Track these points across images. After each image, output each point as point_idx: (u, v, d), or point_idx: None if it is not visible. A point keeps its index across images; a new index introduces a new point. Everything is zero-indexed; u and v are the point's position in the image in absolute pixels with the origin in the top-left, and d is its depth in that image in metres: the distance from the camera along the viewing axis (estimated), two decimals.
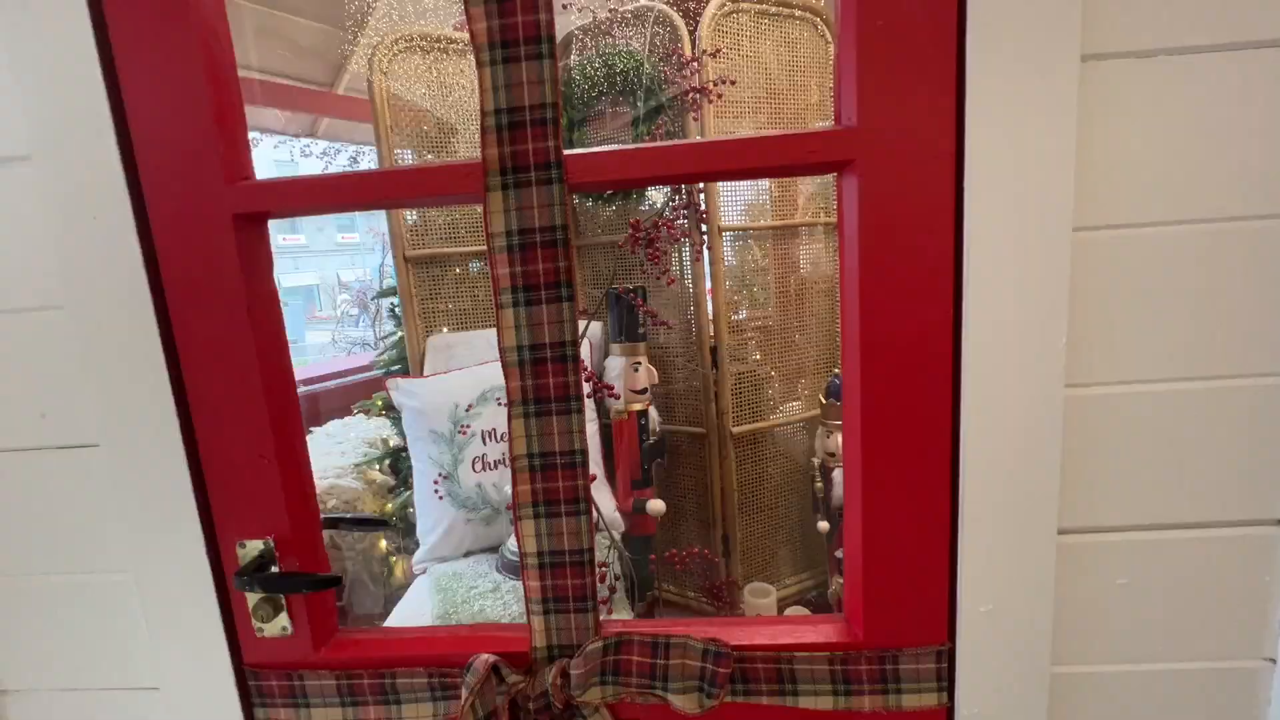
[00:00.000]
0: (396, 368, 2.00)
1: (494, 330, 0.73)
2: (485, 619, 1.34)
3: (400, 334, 1.86)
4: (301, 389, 2.82)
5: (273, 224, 0.81)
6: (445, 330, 1.86)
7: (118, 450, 0.77)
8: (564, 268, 0.71)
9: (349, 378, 2.78)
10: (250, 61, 2.42)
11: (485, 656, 0.78)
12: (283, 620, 0.81)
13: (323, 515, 0.90)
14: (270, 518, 0.79)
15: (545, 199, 0.70)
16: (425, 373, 1.76)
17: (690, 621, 0.83)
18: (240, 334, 0.75)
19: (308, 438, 2.18)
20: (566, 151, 0.70)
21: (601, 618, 1.37)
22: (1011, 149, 0.65)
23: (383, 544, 1.90)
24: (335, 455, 2.00)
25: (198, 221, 0.73)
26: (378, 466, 1.97)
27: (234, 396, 0.76)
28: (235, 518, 0.79)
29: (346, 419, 2.29)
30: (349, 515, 0.94)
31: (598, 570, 1.42)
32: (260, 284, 0.76)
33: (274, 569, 0.80)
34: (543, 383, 0.73)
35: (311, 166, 2.82)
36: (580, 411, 0.73)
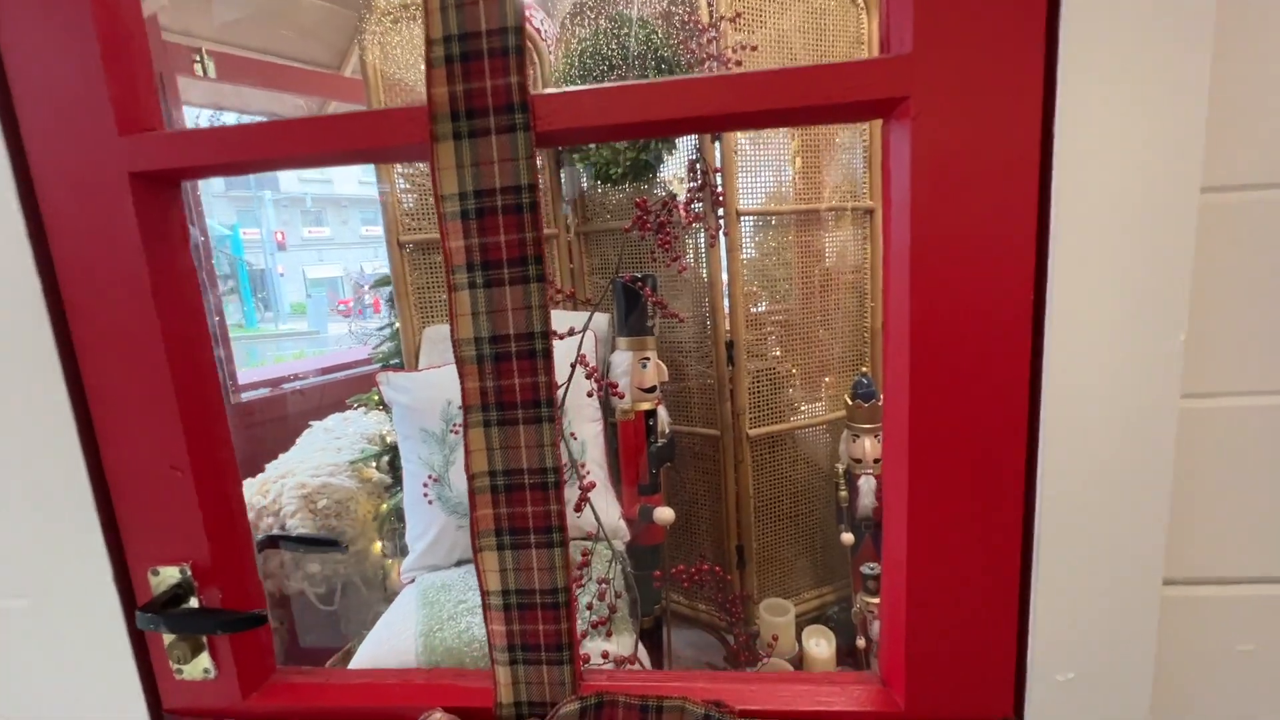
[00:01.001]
0: (396, 361, 1.87)
1: None
2: (471, 639, 1.20)
3: (396, 324, 1.72)
4: (314, 380, 2.71)
5: (298, 217, 0.67)
6: (443, 321, 1.72)
7: (7, 456, 0.63)
8: (531, 239, 0.55)
9: (356, 369, 2.67)
10: (252, 43, 2.30)
11: (439, 715, 0.64)
12: (204, 661, 0.67)
13: (264, 535, 0.76)
14: (186, 540, 0.65)
15: (508, 151, 0.54)
16: (421, 366, 1.63)
17: (689, 674, 0.67)
18: (144, 320, 0.60)
19: (307, 432, 2.06)
20: (535, 92, 0.54)
21: (599, 641, 1.22)
22: (1120, 81, 0.48)
23: (378, 546, 1.77)
24: (331, 452, 1.88)
25: (88, 181, 0.58)
26: (374, 464, 1.84)
27: (138, 395, 0.62)
28: (146, 540, 0.65)
29: (347, 413, 2.17)
30: (293, 534, 0.81)
31: (597, 587, 1.27)
32: (169, 260, 0.62)
33: (194, 600, 0.66)
34: (507, 384, 0.58)
35: None
36: (553, 420, 0.58)
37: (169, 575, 0.65)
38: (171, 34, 2.07)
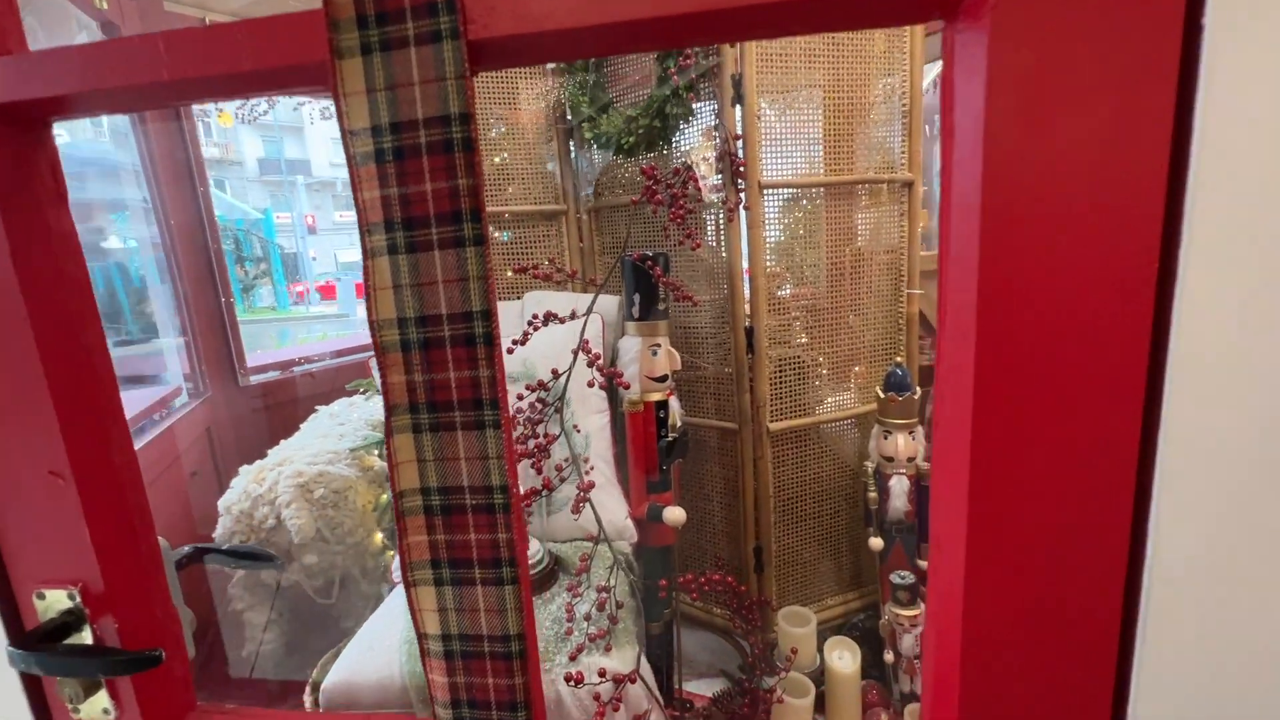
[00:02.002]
0: None
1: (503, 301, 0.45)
2: None
3: None
4: (327, 362, 2.63)
5: (330, 201, 0.55)
6: None
7: None
8: (467, 188, 0.41)
9: (368, 353, 2.57)
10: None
11: None
12: (102, 701, 0.56)
13: (196, 545, 0.64)
14: (74, 559, 0.53)
15: (432, 67, 0.40)
16: None
17: None
18: (4, 294, 0.48)
19: (312, 418, 1.97)
20: None
21: (597, 656, 1.09)
22: None
23: (378, 537, 1.67)
24: (333, 439, 1.78)
25: None
26: (376, 451, 1.74)
27: (5, 387, 0.50)
28: (28, 557, 0.54)
29: (354, 398, 2.07)
30: (226, 547, 0.70)
31: (597, 596, 1.14)
32: (35, 220, 0.49)
33: (86, 631, 0.54)
34: (440, 378, 0.44)
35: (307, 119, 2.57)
36: (499, 426, 0.44)
37: (56, 600, 0.54)
38: None
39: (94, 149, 2.11)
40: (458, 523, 0.46)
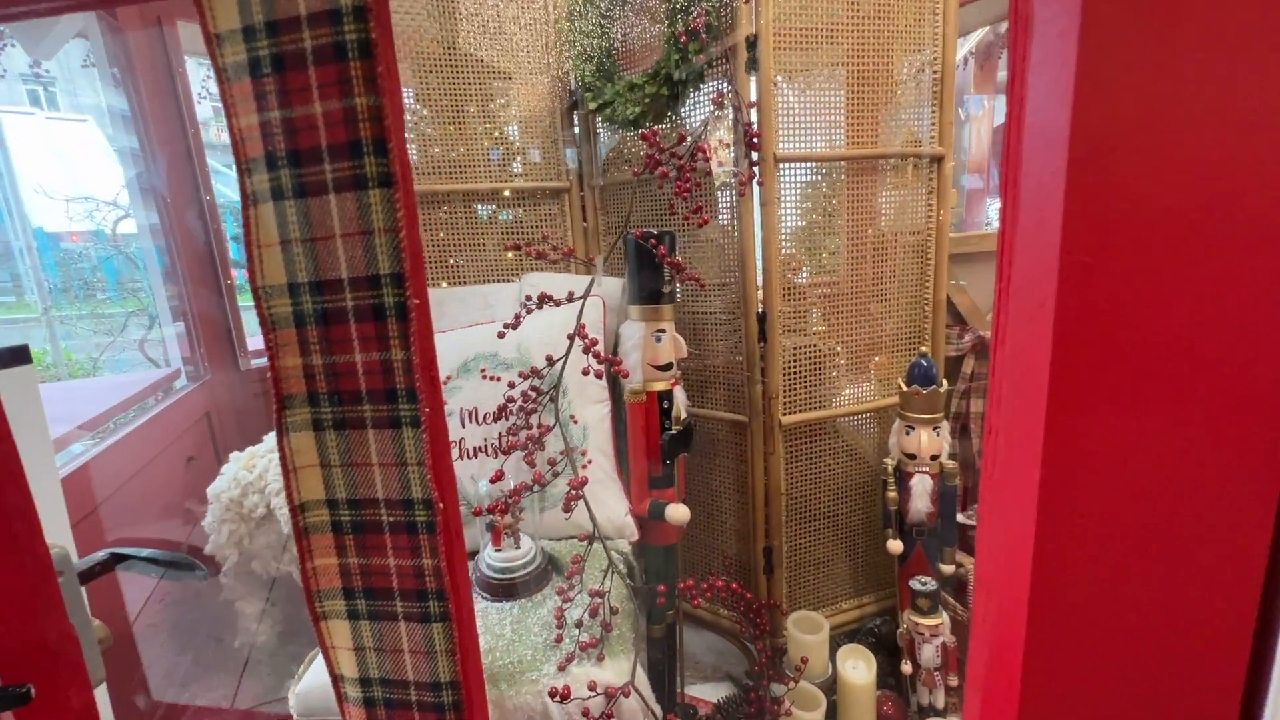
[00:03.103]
0: None
1: (493, 286, 0.35)
2: None
3: None
4: None
5: None
6: (444, 285, 1.51)
7: None
8: (367, 109, 0.31)
9: None
10: None
11: None
12: None
13: (111, 551, 0.56)
14: None
15: None
16: None
17: None
18: None
19: None
20: None
21: (588, 666, 1.00)
22: None
23: None
24: None
25: None
26: None
27: None
28: None
29: None
30: (147, 552, 0.61)
31: (590, 600, 1.04)
32: None
33: None
34: (344, 361, 0.34)
35: None
36: (419, 424, 0.34)
37: None
38: None
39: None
40: (373, 544, 0.36)
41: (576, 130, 1.53)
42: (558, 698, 0.90)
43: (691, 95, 1.33)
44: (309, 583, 0.38)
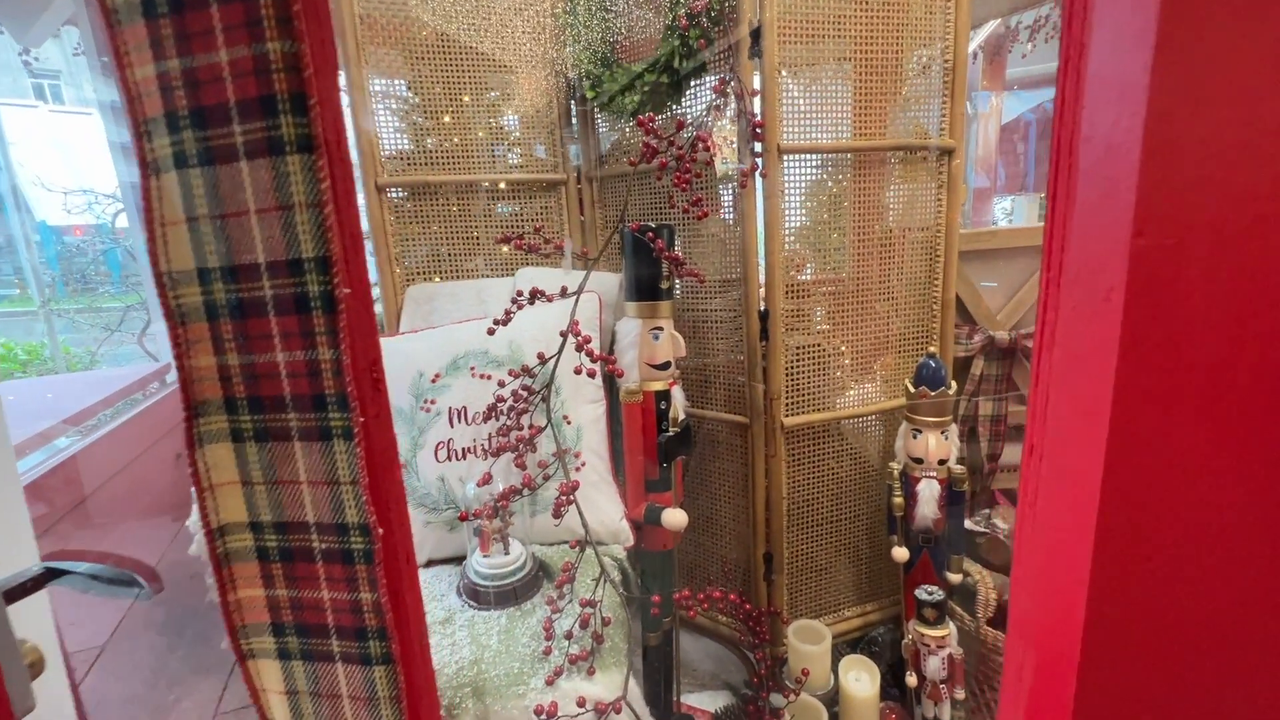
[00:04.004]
0: None
1: (486, 281, 0.30)
2: None
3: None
4: None
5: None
6: (437, 280, 1.45)
7: None
8: (282, 56, 0.25)
9: None
10: None
11: None
12: None
13: (47, 566, 0.51)
14: None
15: None
16: (402, 330, 1.37)
17: None
18: None
19: None
20: None
21: (577, 680, 0.94)
22: None
23: None
24: None
25: None
26: None
27: None
28: None
29: None
30: (84, 567, 0.57)
31: (581, 611, 0.98)
32: None
33: None
34: (265, 362, 0.29)
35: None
36: (352, 436, 0.29)
37: None
38: None
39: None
40: (304, 574, 0.31)
41: (574, 121, 1.48)
42: (544, 715, 0.84)
43: (693, 85, 1.27)
44: (231, 617, 0.32)
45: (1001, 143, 4.34)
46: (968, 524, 1.40)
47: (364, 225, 1.36)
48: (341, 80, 1.36)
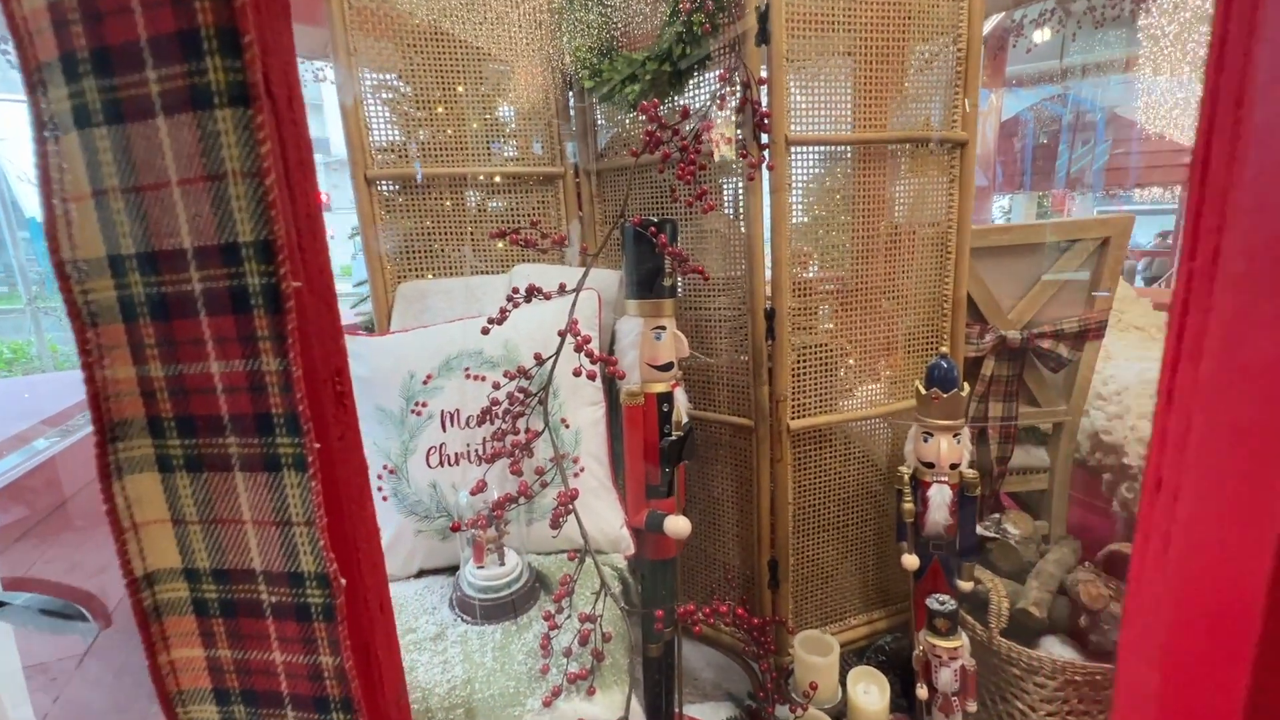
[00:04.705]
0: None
1: (481, 278, 0.26)
2: (412, 685, 0.88)
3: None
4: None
5: (348, 180, 0.33)
6: (430, 276, 1.39)
7: None
8: None
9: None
10: None
11: None
12: None
13: None
14: None
15: None
16: (393, 329, 1.30)
17: None
18: None
19: None
20: None
21: (576, 701, 0.89)
22: None
23: None
24: None
25: None
26: None
27: None
28: None
29: None
30: (24, 599, 0.50)
31: (580, 627, 0.93)
32: None
33: None
34: (195, 373, 0.23)
35: (329, 96, 2.39)
36: (305, 466, 0.23)
37: None
38: None
39: None
40: (251, 631, 0.25)
41: (572, 113, 1.42)
42: None
43: (696, 74, 1.21)
44: (164, 682, 0.26)
45: (1000, 141, 4.30)
46: (978, 529, 1.35)
47: (354, 219, 1.29)
48: (329, 69, 1.30)
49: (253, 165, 0.20)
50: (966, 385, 1.20)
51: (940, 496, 1.21)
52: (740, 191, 1.20)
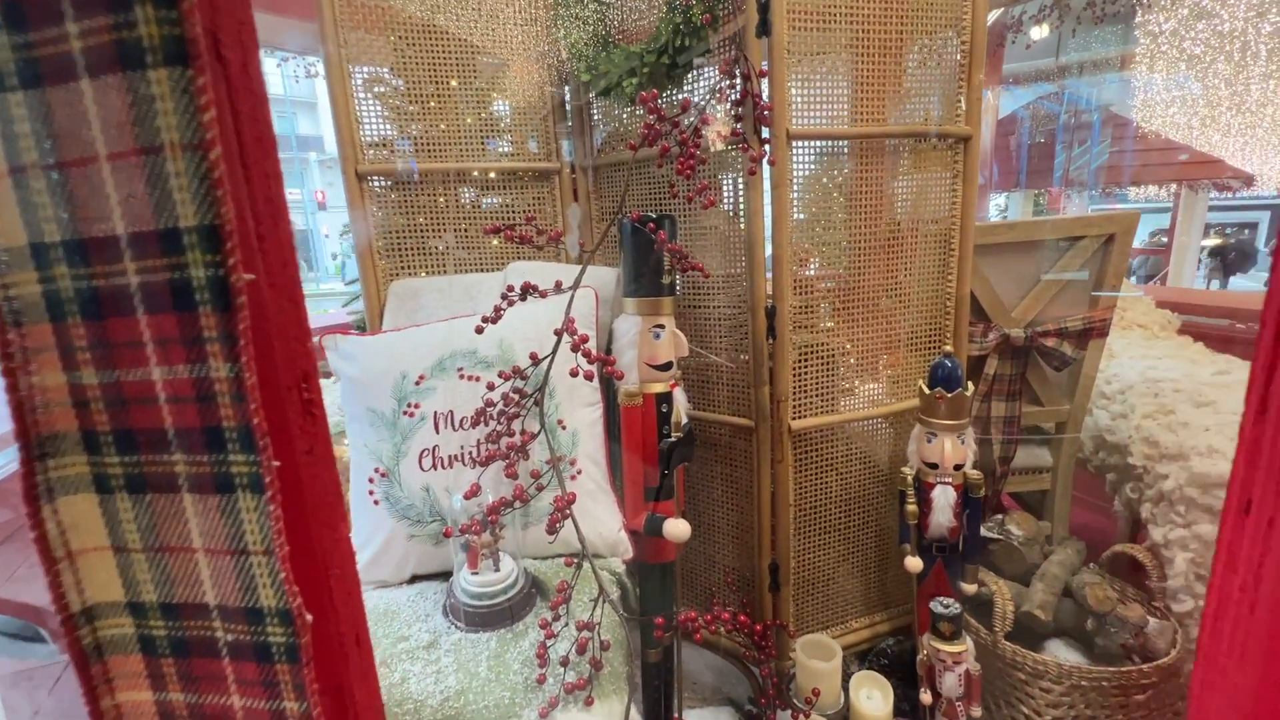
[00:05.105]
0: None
1: (476, 276, 0.22)
2: (405, 695, 0.85)
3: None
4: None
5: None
6: (423, 274, 1.35)
7: None
8: None
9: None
10: None
11: None
12: None
13: None
14: None
15: None
16: (385, 328, 1.27)
17: None
18: None
19: None
20: None
21: (574, 712, 0.85)
22: None
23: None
24: None
25: None
26: (346, 441, 1.51)
27: None
28: None
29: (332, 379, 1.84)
30: None
31: (577, 635, 0.89)
32: None
33: None
34: (136, 380, 0.20)
35: (323, 92, 2.34)
36: (262, 487, 0.20)
37: None
38: None
39: None
40: (205, 673, 0.22)
41: (568, 107, 1.38)
42: None
43: (696, 68, 1.18)
44: None
45: (996, 139, 4.28)
46: (981, 531, 1.33)
47: (343, 217, 1.25)
48: (321, 65, 1.26)
49: (194, 137, 0.17)
50: (970, 385, 1.18)
51: (944, 498, 1.19)
52: (740, 187, 1.17)
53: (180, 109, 0.17)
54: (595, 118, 1.39)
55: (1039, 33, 2.63)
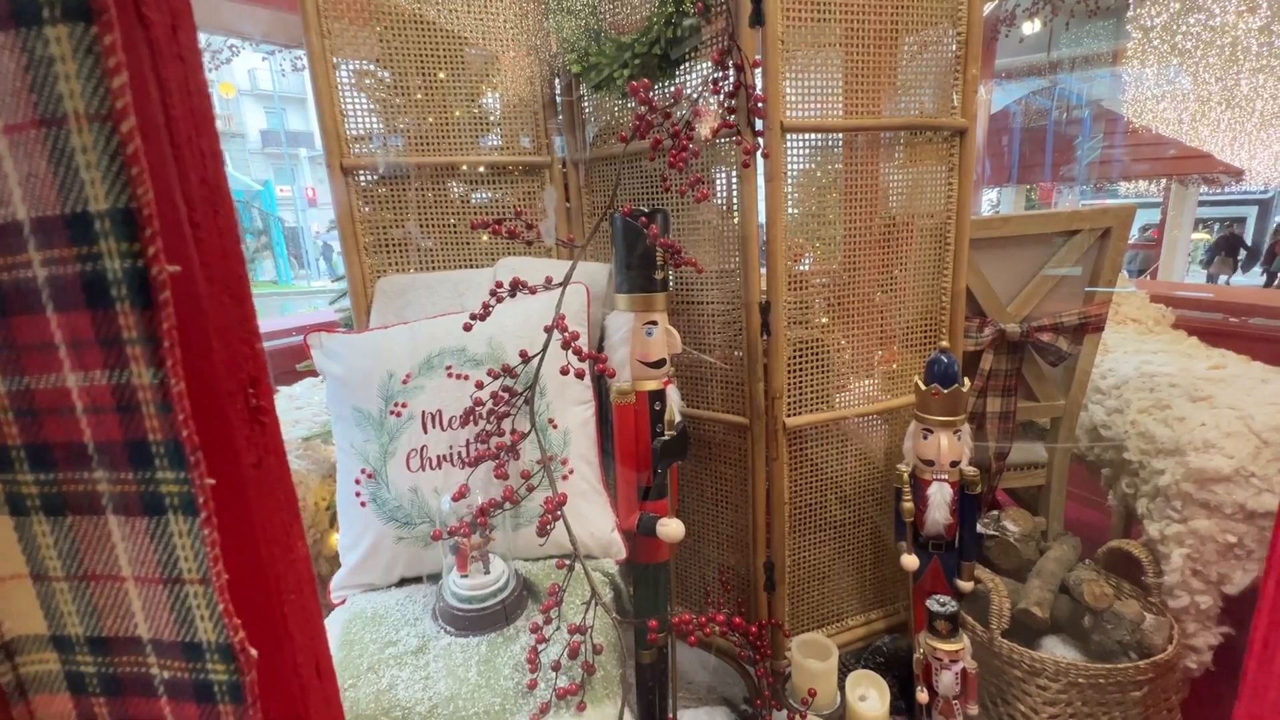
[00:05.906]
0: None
1: (464, 272, 0.19)
2: (393, 702, 0.83)
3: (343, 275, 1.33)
4: (290, 339, 2.35)
5: None
6: (411, 271, 1.32)
7: None
8: None
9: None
10: None
11: None
12: None
13: None
14: None
15: None
16: (372, 326, 1.24)
17: None
18: None
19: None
20: None
21: (567, 717, 0.83)
22: None
23: (334, 539, 1.42)
24: (287, 425, 1.52)
25: None
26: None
27: None
28: None
29: (319, 378, 1.81)
30: None
31: (570, 638, 0.87)
32: None
33: None
34: (49, 387, 0.18)
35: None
36: (195, 508, 0.18)
37: None
38: None
39: None
40: (140, 714, 0.20)
41: (559, 104, 1.35)
42: None
43: (688, 60, 1.15)
44: None
45: (990, 134, 4.27)
46: (977, 527, 1.31)
47: (331, 213, 1.21)
48: (302, 53, 1.23)
49: (101, 105, 0.15)
50: (967, 380, 1.16)
51: (940, 495, 1.17)
52: (734, 181, 1.15)
53: (85, 73, 0.15)
54: (587, 111, 1.36)
55: (1031, 27, 2.61)
